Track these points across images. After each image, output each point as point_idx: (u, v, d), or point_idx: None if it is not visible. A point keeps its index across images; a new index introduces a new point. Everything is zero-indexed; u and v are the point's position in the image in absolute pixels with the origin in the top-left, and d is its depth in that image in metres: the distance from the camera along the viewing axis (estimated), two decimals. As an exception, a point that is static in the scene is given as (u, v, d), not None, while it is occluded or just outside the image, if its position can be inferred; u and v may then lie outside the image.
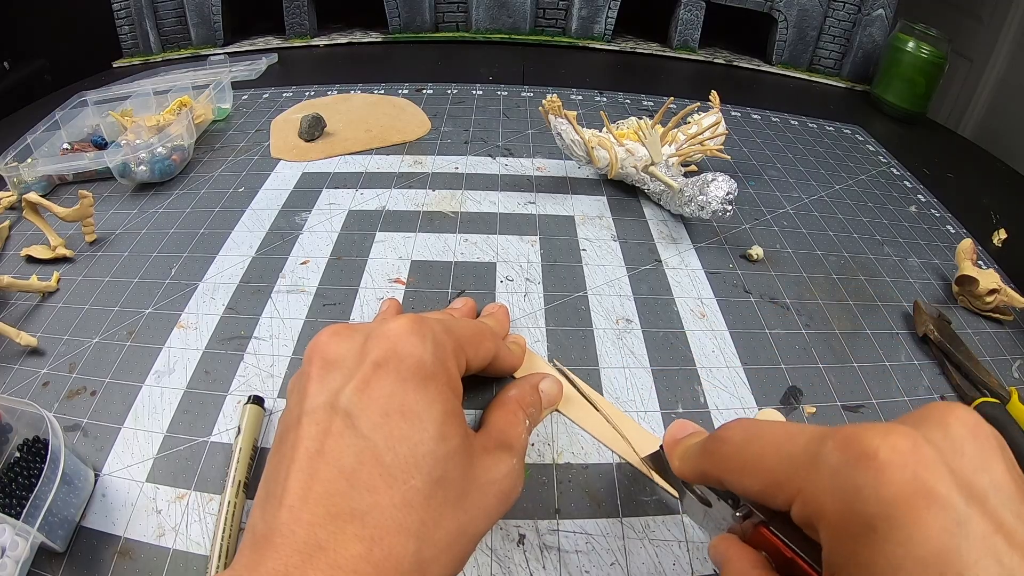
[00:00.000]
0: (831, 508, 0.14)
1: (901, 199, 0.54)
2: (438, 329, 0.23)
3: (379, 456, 0.19)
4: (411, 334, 0.22)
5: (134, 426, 0.30)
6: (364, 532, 0.18)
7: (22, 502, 0.25)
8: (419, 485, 0.19)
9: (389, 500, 0.18)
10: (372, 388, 0.20)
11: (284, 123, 0.59)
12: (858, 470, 0.14)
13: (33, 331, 0.35)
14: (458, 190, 0.48)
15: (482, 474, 0.22)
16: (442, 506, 0.19)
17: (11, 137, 0.52)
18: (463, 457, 0.21)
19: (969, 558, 0.12)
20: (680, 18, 0.85)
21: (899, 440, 0.14)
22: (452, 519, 0.20)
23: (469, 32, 0.86)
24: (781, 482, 0.16)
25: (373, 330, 0.23)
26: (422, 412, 0.20)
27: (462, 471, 0.21)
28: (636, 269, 0.41)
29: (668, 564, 0.25)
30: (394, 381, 0.21)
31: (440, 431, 0.20)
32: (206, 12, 0.82)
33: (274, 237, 0.43)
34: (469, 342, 0.25)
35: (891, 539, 0.13)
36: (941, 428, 0.14)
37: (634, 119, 0.51)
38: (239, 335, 0.35)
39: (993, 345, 0.38)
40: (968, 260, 0.41)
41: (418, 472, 0.19)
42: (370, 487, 0.19)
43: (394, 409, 0.20)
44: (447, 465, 0.20)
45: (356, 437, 0.19)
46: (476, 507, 0.21)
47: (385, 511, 0.18)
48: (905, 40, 0.71)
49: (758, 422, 0.19)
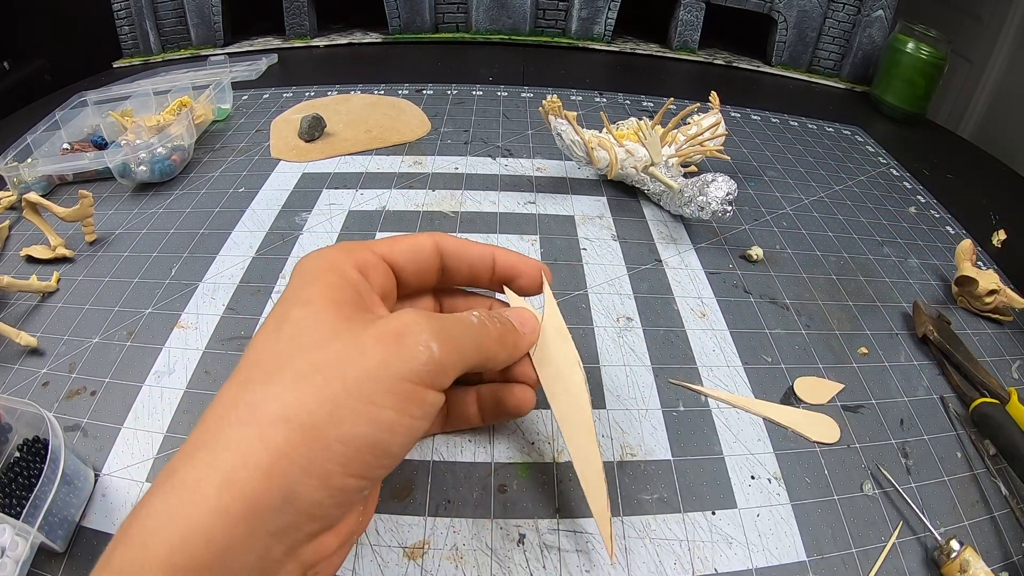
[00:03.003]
0: None
1: (901, 200, 0.54)
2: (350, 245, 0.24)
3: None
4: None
5: (134, 426, 0.30)
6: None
7: (22, 502, 0.25)
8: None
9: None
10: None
11: (284, 123, 0.59)
12: None
13: (33, 331, 0.35)
14: (458, 190, 0.49)
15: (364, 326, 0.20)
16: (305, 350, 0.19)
17: (11, 137, 0.52)
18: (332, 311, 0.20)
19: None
20: (680, 19, 0.85)
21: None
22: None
23: (469, 33, 0.86)
24: None
25: None
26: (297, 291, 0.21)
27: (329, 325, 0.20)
28: (636, 268, 0.41)
29: (669, 563, 0.25)
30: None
31: (301, 297, 0.21)
32: (206, 12, 0.82)
33: (274, 237, 0.43)
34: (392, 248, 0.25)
35: None
36: None
37: (634, 120, 0.51)
38: (239, 335, 0.35)
39: (992, 346, 0.39)
40: (967, 261, 0.41)
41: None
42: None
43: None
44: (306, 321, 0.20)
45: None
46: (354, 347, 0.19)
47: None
48: (905, 41, 0.71)
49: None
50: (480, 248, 0.26)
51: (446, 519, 0.26)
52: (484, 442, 0.29)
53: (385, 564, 0.25)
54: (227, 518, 0.16)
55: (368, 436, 0.18)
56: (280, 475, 0.17)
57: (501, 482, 0.28)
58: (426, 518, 0.26)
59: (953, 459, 0.31)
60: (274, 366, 0.19)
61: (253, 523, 0.16)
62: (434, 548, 0.25)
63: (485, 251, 0.26)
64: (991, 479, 0.30)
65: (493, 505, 0.27)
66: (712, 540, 0.26)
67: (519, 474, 0.28)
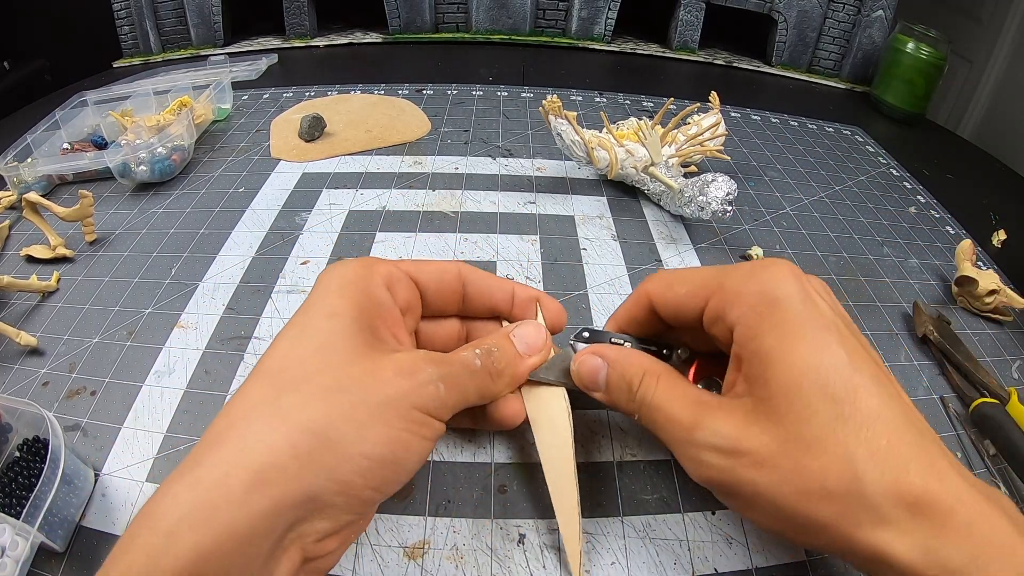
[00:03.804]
0: (748, 292, 0.21)
1: (901, 200, 0.54)
2: (374, 260, 0.25)
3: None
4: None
5: (134, 426, 0.30)
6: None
7: (22, 502, 0.25)
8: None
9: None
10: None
11: (284, 123, 0.59)
12: (764, 271, 0.21)
13: (33, 331, 0.35)
14: (458, 190, 0.49)
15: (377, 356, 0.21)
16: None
17: (11, 137, 0.52)
18: (353, 333, 0.22)
19: (833, 319, 0.20)
20: (680, 19, 0.85)
21: (782, 262, 0.22)
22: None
23: (469, 33, 0.86)
24: (705, 283, 0.23)
25: None
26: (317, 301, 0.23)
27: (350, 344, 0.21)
28: (636, 268, 0.41)
29: (668, 563, 0.25)
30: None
31: (328, 309, 0.22)
32: (206, 12, 0.82)
33: (274, 237, 0.43)
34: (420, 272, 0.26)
35: (787, 306, 0.20)
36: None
37: (634, 120, 0.51)
38: (239, 335, 0.35)
39: (993, 346, 0.39)
40: (968, 261, 0.41)
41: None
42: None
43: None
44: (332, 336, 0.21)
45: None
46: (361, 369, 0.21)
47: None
48: (905, 41, 0.71)
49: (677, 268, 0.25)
50: (500, 280, 0.28)
51: (446, 519, 0.26)
52: (484, 442, 0.29)
53: (385, 564, 0.25)
54: (252, 514, 0.17)
55: (389, 453, 0.20)
56: (306, 479, 0.18)
57: (501, 482, 0.28)
58: (426, 518, 0.26)
59: (953, 459, 0.31)
60: (300, 375, 0.20)
61: (274, 519, 0.17)
62: (434, 548, 0.25)
63: (505, 284, 0.27)
64: (991, 479, 0.30)
65: (493, 505, 0.27)
66: (712, 540, 0.26)
67: (519, 474, 0.28)
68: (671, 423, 0.21)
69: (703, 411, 0.21)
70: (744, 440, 0.19)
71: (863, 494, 0.17)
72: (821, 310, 0.20)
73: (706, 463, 0.20)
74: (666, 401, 0.22)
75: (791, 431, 0.18)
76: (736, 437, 0.19)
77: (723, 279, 0.22)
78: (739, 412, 0.20)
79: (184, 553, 0.16)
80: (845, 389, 0.18)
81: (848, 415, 0.18)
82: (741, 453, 0.19)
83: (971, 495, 0.17)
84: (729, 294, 0.21)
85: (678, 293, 0.24)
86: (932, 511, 0.17)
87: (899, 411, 0.18)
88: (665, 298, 0.24)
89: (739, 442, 0.19)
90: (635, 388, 0.23)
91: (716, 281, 0.22)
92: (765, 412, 0.19)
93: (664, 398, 0.22)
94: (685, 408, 0.21)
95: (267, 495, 0.17)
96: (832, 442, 0.18)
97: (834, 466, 0.17)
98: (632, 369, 0.23)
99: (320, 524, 0.19)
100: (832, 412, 0.18)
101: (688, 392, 0.22)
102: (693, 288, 0.23)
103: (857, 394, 0.18)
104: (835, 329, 0.20)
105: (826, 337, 0.19)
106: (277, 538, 0.18)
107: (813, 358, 0.19)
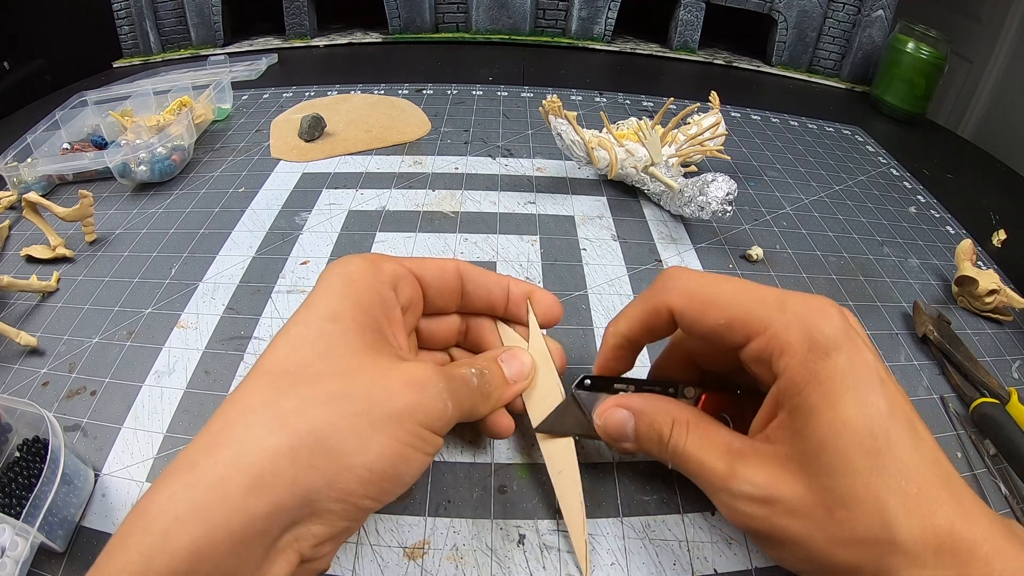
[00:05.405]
0: (797, 341, 0.20)
1: (901, 200, 0.54)
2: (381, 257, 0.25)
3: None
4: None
5: (134, 426, 0.30)
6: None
7: (22, 502, 0.25)
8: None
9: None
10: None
11: (284, 123, 0.59)
12: (817, 316, 0.20)
13: (33, 331, 0.35)
14: (458, 190, 0.49)
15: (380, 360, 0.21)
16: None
17: (11, 137, 0.52)
18: (354, 336, 0.21)
19: (876, 367, 0.20)
20: (680, 19, 0.85)
21: (827, 302, 0.21)
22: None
23: (469, 33, 0.86)
24: (745, 319, 0.21)
25: None
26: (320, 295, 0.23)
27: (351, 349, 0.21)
28: (636, 269, 0.41)
29: (668, 564, 0.25)
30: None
31: (331, 312, 0.22)
32: (206, 12, 0.82)
33: (274, 237, 0.43)
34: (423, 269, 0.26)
35: (836, 363, 0.19)
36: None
37: (634, 120, 0.51)
38: (239, 335, 0.35)
39: (993, 346, 0.39)
40: (968, 261, 0.41)
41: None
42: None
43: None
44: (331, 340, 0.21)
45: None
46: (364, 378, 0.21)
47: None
48: (905, 41, 0.71)
49: (695, 271, 0.24)
50: (496, 276, 0.28)
51: (446, 519, 0.26)
52: (484, 442, 0.29)
53: (385, 564, 0.25)
54: (249, 517, 0.17)
55: (390, 467, 0.20)
56: (305, 485, 0.18)
57: (501, 482, 0.28)
58: (426, 518, 0.26)
59: (953, 459, 0.31)
60: (301, 378, 0.20)
61: (271, 522, 0.18)
62: (434, 548, 0.25)
63: (501, 280, 0.28)
64: (991, 479, 0.30)
65: (493, 505, 0.27)
66: (711, 540, 0.26)
67: (519, 474, 0.28)
68: (705, 471, 0.21)
69: (736, 460, 0.21)
70: (778, 490, 0.19)
71: (894, 541, 0.18)
72: (866, 359, 0.20)
73: (742, 511, 0.20)
74: (699, 450, 0.22)
75: (825, 483, 0.19)
76: (771, 487, 0.20)
77: (767, 321, 0.21)
78: (774, 461, 0.20)
79: (179, 553, 0.16)
80: (883, 442, 0.18)
81: (883, 466, 0.18)
82: (775, 501, 0.19)
83: (992, 531, 0.18)
84: (777, 341, 0.20)
85: (713, 323, 0.22)
86: (957, 550, 0.17)
87: (929, 456, 0.19)
88: (696, 323, 0.23)
89: (773, 492, 0.20)
90: (666, 438, 0.23)
91: (759, 321, 0.21)
92: (801, 463, 0.19)
93: (696, 447, 0.22)
94: (719, 457, 0.21)
95: (265, 499, 0.17)
96: (864, 492, 0.18)
97: (865, 516, 0.18)
98: (660, 418, 0.23)
99: (316, 528, 0.19)
100: (868, 466, 0.18)
101: (719, 438, 0.22)
102: (731, 322, 0.22)
103: (893, 446, 0.18)
104: (877, 378, 0.19)
105: (868, 390, 0.19)
106: (272, 540, 0.18)
107: (855, 415, 0.19)
